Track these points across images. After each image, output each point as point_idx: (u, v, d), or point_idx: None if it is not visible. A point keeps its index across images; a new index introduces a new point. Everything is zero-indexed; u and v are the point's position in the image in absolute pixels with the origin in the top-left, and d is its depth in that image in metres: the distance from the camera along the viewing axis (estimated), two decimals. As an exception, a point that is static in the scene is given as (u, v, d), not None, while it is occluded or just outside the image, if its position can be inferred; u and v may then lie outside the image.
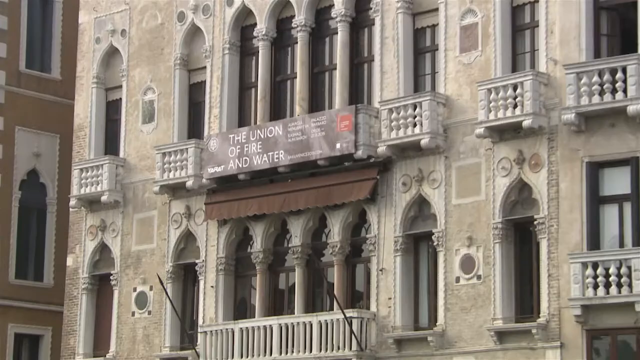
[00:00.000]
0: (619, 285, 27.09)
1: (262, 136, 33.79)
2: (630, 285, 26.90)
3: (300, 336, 32.07)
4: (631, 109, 27.27)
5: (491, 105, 29.65)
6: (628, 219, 28.18)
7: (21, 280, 40.97)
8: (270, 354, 32.45)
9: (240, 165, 33.98)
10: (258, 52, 35.35)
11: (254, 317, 33.78)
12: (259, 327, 32.94)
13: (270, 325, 32.73)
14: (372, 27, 33.19)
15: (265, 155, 33.54)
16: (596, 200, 28.66)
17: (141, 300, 36.20)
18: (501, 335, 29.22)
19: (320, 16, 34.40)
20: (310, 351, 31.82)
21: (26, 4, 42.28)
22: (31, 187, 41.45)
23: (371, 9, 32.96)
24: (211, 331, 33.64)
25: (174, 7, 36.97)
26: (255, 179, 34.21)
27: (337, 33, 33.78)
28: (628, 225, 28.18)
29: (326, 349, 31.61)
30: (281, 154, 33.22)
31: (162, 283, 34.80)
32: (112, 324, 36.90)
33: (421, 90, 31.97)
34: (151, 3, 37.59)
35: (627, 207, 28.21)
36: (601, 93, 28.02)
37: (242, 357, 32.98)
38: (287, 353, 32.25)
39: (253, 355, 32.80)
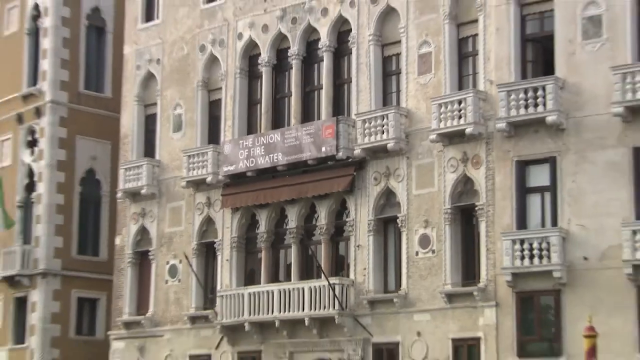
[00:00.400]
0: (540, 257, 27.31)
1: (265, 142, 33.73)
2: (549, 257, 27.07)
3: (295, 299, 31.99)
4: (549, 119, 27.35)
5: (441, 116, 29.51)
6: (548, 205, 28.35)
7: (82, 256, 40.85)
8: (272, 313, 32.34)
9: (248, 165, 33.87)
10: (262, 75, 35.29)
11: (260, 284, 33.70)
12: (263, 292, 32.92)
13: (272, 290, 32.68)
14: (350, 55, 33.13)
15: (267, 156, 33.45)
16: (523, 191, 28.77)
17: (172, 271, 36.12)
18: (450, 297, 29.17)
19: (310, 47, 34.35)
20: (303, 310, 31.70)
21: (84, 38, 42.04)
22: (89, 183, 41.34)
23: (349, 41, 32.89)
24: (226, 295, 33.69)
25: (196, 41, 36.90)
26: (260, 175, 34.01)
27: (323, 60, 33.80)
28: (548, 210, 28.35)
29: (315, 309, 31.50)
30: (279, 155, 33.14)
31: (187, 258, 35.05)
32: (150, 289, 36.89)
33: (388, 104, 31.80)
34: (179, 38, 37.64)
35: (547, 196, 28.38)
36: (526, 106, 28.02)
37: (250, 315, 32.89)
38: (285, 312, 32.10)
39: (258, 314, 32.72)
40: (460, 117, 29.14)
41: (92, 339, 39.81)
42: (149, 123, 38.31)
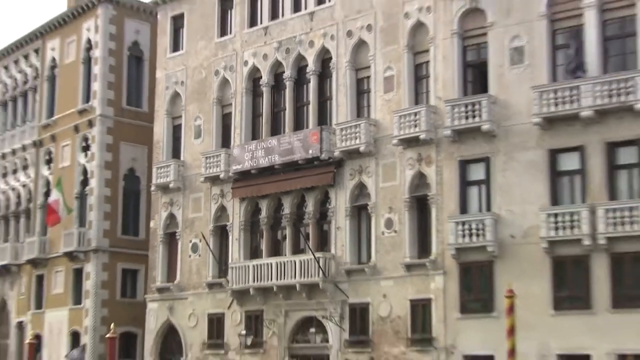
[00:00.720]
0: (477, 235, 27.52)
1: (265, 146, 33.63)
2: (484, 235, 27.33)
3: (289, 269, 32.00)
4: (484, 127, 27.57)
5: (401, 125, 29.52)
6: (483, 195, 28.54)
7: (125, 236, 40.85)
8: (271, 280, 32.42)
9: (252, 164, 33.75)
10: (263, 94, 35.18)
11: (262, 258, 33.69)
12: (264, 264, 32.90)
13: (271, 263, 32.71)
14: (331, 78, 32.95)
15: (266, 157, 33.34)
16: (464, 184, 28.90)
17: (194, 248, 36.08)
18: (408, 267, 29.30)
19: (300, 72, 34.16)
20: (295, 278, 31.75)
21: (126, 65, 41.93)
22: (130, 179, 41.30)
23: (330, 67, 32.77)
24: (235, 266, 33.71)
25: (212, 67, 36.72)
26: (261, 173, 33.89)
27: (310, 82, 33.65)
28: (483, 199, 28.50)
29: (304, 277, 31.52)
30: (276, 156, 33.02)
31: (204, 238, 35.20)
32: (177, 262, 36.80)
33: (360, 116, 31.68)
34: (198, 64, 37.48)
35: (483, 188, 28.56)
36: (466, 117, 28.07)
37: (254, 282, 32.88)
38: (281, 279, 32.17)
39: (260, 281, 32.73)
40: (415, 126, 29.12)
41: (133, 301, 39.80)
42: (176, 131, 38.17)
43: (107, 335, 27.16)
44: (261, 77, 35.12)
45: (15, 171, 46.41)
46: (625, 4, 26.28)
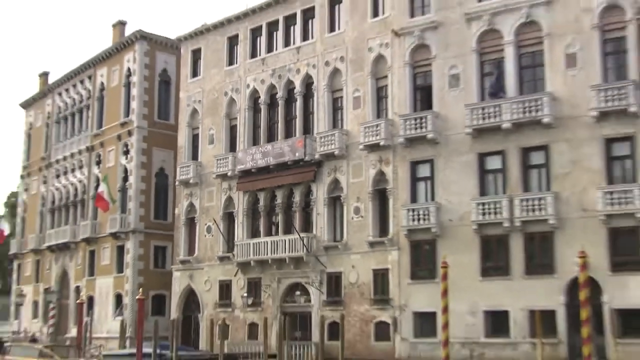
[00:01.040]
0: (424, 220, 27.69)
1: (262, 150, 33.54)
2: (429, 219, 27.55)
3: (280, 246, 32.06)
4: (429, 136, 27.82)
5: (366, 134, 29.66)
6: (429, 188, 28.60)
7: (156, 220, 40.51)
8: (267, 255, 32.35)
9: (252, 165, 33.61)
10: (261, 110, 35.02)
11: (260, 237, 33.74)
12: (262, 242, 32.94)
13: (267, 241, 32.78)
14: (313, 97, 32.85)
15: (263, 159, 33.20)
16: (414, 180, 28.99)
17: (208, 229, 35.96)
18: (371, 244, 29.43)
19: (289, 93, 33.88)
20: (285, 253, 31.73)
21: (157, 87, 41.61)
22: (160, 176, 40.98)
23: (312, 89, 32.76)
24: (240, 244, 33.71)
25: (222, 89, 36.50)
26: (259, 171, 33.64)
27: (297, 101, 33.54)
28: (429, 191, 28.58)
29: (292, 252, 31.52)
30: (271, 159, 32.89)
31: (216, 222, 35.24)
32: (195, 241, 36.63)
33: (336, 127, 31.60)
34: (212, 87, 37.13)
35: (429, 183, 28.63)
36: (416, 128, 28.17)
37: (254, 256, 32.87)
38: (274, 254, 32.10)
39: (259, 255, 32.72)
40: (377, 135, 29.24)
41: (162, 270, 39.58)
42: (194, 139, 37.86)
43: (137, 297, 27.49)
44: (260, 97, 34.97)
45: (73, 170, 46.36)
46: (535, 42, 26.61)
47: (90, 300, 41.81)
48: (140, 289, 27.31)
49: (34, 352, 27.45)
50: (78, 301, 35.23)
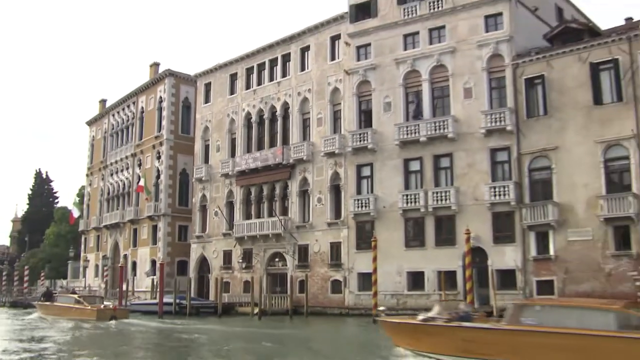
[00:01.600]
0: (366, 206, 27.84)
1: (253, 156, 33.36)
2: (369, 206, 27.66)
3: (265, 225, 32.04)
4: (369, 146, 27.92)
5: (326, 145, 29.72)
6: (369, 185, 28.60)
7: (180, 207, 39.68)
8: (257, 231, 32.28)
9: (246, 167, 33.48)
10: (253, 127, 34.86)
11: (252, 219, 33.48)
12: (253, 223, 32.70)
13: (256, 222, 32.62)
14: (289, 118, 32.65)
15: (254, 163, 33.04)
16: (360, 178, 28.96)
17: (215, 213, 35.66)
18: (329, 224, 29.54)
19: (273, 114, 33.69)
20: (269, 230, 31.70)
21: (181, 111, 41.01)
22: (183, 175, 40.35)
23: (289, 112, 32.59)
24: (238, 224, 33.51)
25: (226, 112, 36.25)
26: (251, 172, 33.46)
27: (278, 120, 33.44)
28: (369, 187, 28.57)
29: (274, 229, 31.28)
30: (259, 162, 32.84)
31: (219, 209, 35.01)
32: (207, 221, 36.43)
33: (305, 140, 31.57)
34: (218, 110, 36.83)
35: (369, 180, 28.66)
36: (360, 141, 28.17)
37: (247, 232, 32.71)
38: (261, 231, 32.07)
39: (250, 231, 32.63)
40: (333, 145, 29.38)
41: (184, 243, 38.77)
42: (206, 148, 37.51)
43: (160, 262, 27.73)
44: (252, 117, 34.69)
45: (122, 170, 46.01)
46: (443, 79, 26.90)
47: (134, 264, 41.67)
48: (161, 258, 27.33)
49: (71, 300, 27.62)
50: (119, 265, 35.32)
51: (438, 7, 27.15)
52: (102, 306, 25.91)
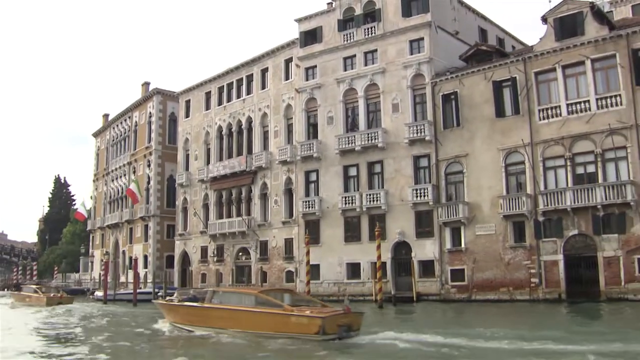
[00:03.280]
0: (312, 207, 28.49)
1: (224, 164, 33.98)
2: (315, 207, 28.39)
3: (233, 224, 32.72)
4: (314, 155, 28.82)
5: (280, 154, 30.53)
6: (315, 188, 29.37)
7: (167, 208, 40.45)
8: (226, 229, 33.10)
9: (218, 173, 34.09)
10: (223, 138, 35.32)
11: (223, 219, 33.99)
12: (224, 222, 33.35)
13: (226, 221, 33.20)
14: (252, 131, 33.30)
15: (224, 169, 33.88)
16: (307, 182, 29.73)
17: (194, 215, 36.31)
18: (284, 223, 30.38)
19: (239, 128, 34.26)
20: (236, 228, 32.41)
21: (167, 124, 42.08)
22: (170, 181, 40.37)
23: (252, 126, 33.30)
24: (211, 223, 34.13)
25: (202, 126, 36.92)
26: (222, 177, 34.17)
27: (244, 133, 34.09)
28: (315, 190, 29.33)
29: (240, 227, 32.15)
30: (227, 169, 33.59)
31: (196, 212, 35.89)
32: (187, 221, 37.06)
33: (265, 150, 32.18)
34: (196, 124, 37.50)
35: (315, 184, 29.45)
36: (308, 150, 29.01)
37: (219, 230, 33.35)
38: (231, 229, 32.85)
39: (222, 230, 33.20)
40: (286, 154, 30.21)
41: (171, 240, 39.19)
42: (187, 157, 38.12)
43: (134, 258, 28.99)
44: (223, 130, 35.20)
45: (120, 177, 47.08)
46: (375, 96, 27.84)
47: (130, 259, 42.63)
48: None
49: (31, 290, 30.95)
50: (104, 261, 36.52)
51: (372, 33, 28.27)
52: (51, 295, 29.20)
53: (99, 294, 34.00)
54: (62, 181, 74.72)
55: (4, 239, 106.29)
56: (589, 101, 21.70)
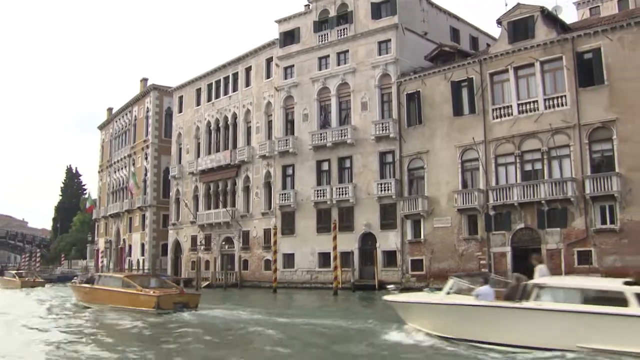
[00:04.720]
0: (288, 200, 30.05)
1: (212, 158, 35.27)
2: (291, 200, 29.94)
3: (219, 215, 34.16)
4: (291, 150, 30.22)
5: (261, 149, 31.93)
6: (291, 182, 30.70)
7: (163, 199, 41.69)
8: (213, 220, 34.64)
9: (207, 166, 35.39)
10: (212, 133, 36.83)
11: (211, 210, 35.43)
12: (211, 212, 34.74)
13: (213, 212, 34.65)
14: (237, 127, 34.55)
15: (212, 163, 35.11)
16: (285, 176, 31.02)
17: (186, 205, 37.62)
18: (263, 214, 31.73)
19: (226, 123, 35.44)
20: (222, 219, 34.00)
21: (164, 119, 43.39)
22: (166, 173, 41.78)
23: (237, 121, 34.51)
24: (200, 214, 35.75)
25: (193, 121, 38.12)
26: (209, 171, 35.21)
27: (229, 128, 35.35)
28: (291, 184, 30.70)
29: (225, 218, 33.67)
30: (214, 163, 35.02)
31: (186, 202, 37.06)
32: (180, 212, 38.56)
33: (248, 145, 33.39)
34: (188, 119, 38.70)
35: (292, 178, 30.71)
36: (285, 145, 30.41)
37: (206, 220, 34.98)
38: (217, 219, 34.26)
39: (210, 220, 34.80)
40: (266, 150, 31.50)
41: (165, 229, 40.67)
42: (179, 151, 39.47)
43: (120, 246, 31.01)
44: (211, 125, 36.31)
45: (121, 169, 48.97)
46: (346, 95, 29.12)
47: (129, 247, 45.09)
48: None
49: (10, 275, 38.10)
50: (96, 248, 38.79)
51: (344, 35, 29.58)
52: (26, 279, 34.72)
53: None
54: (74, 171, 78.05)
55: (24, 226, 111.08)
56: (537, 101, 22.79)
